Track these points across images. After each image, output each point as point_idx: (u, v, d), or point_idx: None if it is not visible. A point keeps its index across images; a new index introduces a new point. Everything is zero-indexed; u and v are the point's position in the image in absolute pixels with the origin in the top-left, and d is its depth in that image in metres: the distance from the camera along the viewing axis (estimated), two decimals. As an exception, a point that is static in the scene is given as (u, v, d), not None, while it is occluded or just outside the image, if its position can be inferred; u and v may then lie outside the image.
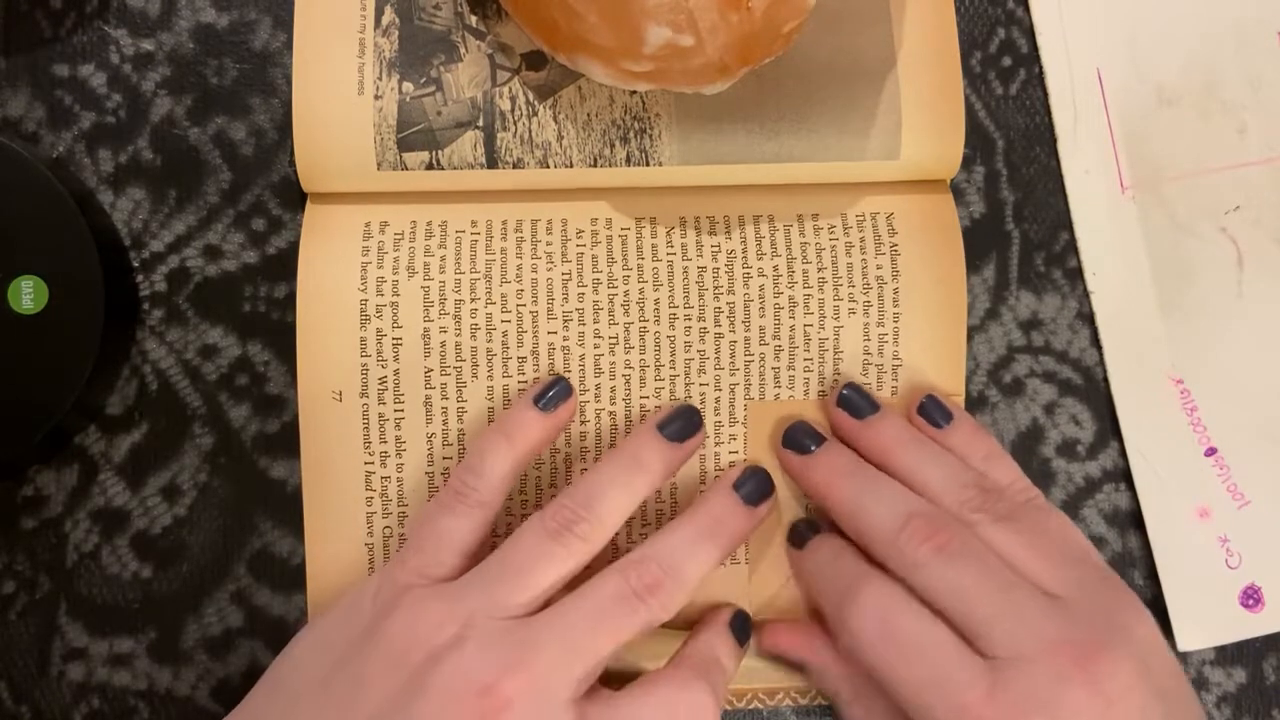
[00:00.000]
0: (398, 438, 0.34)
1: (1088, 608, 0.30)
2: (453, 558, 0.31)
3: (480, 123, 0.35)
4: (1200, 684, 0.38)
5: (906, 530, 0.31)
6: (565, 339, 0.35)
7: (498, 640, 0.29)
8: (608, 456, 0.33)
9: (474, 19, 0.35)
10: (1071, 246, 0.38)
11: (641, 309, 0.35)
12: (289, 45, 0.36)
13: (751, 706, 0.36)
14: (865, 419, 0.34)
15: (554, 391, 0.33)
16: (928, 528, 0.31)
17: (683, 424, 0.34)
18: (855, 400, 0.35)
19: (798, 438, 0.35)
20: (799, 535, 0.35)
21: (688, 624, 0.34)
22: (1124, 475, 0.38)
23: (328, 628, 0.31)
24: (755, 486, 0.34)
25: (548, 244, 0.35)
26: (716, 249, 0.35)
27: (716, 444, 0.35)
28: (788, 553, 0.36)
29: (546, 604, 0.30)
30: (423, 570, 0.31)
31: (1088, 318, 0.38)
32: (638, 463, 0.33)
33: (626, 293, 0.35)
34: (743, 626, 0.34)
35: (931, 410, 0.35)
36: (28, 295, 0.34)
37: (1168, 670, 0.30)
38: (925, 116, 0.36)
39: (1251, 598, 0.38)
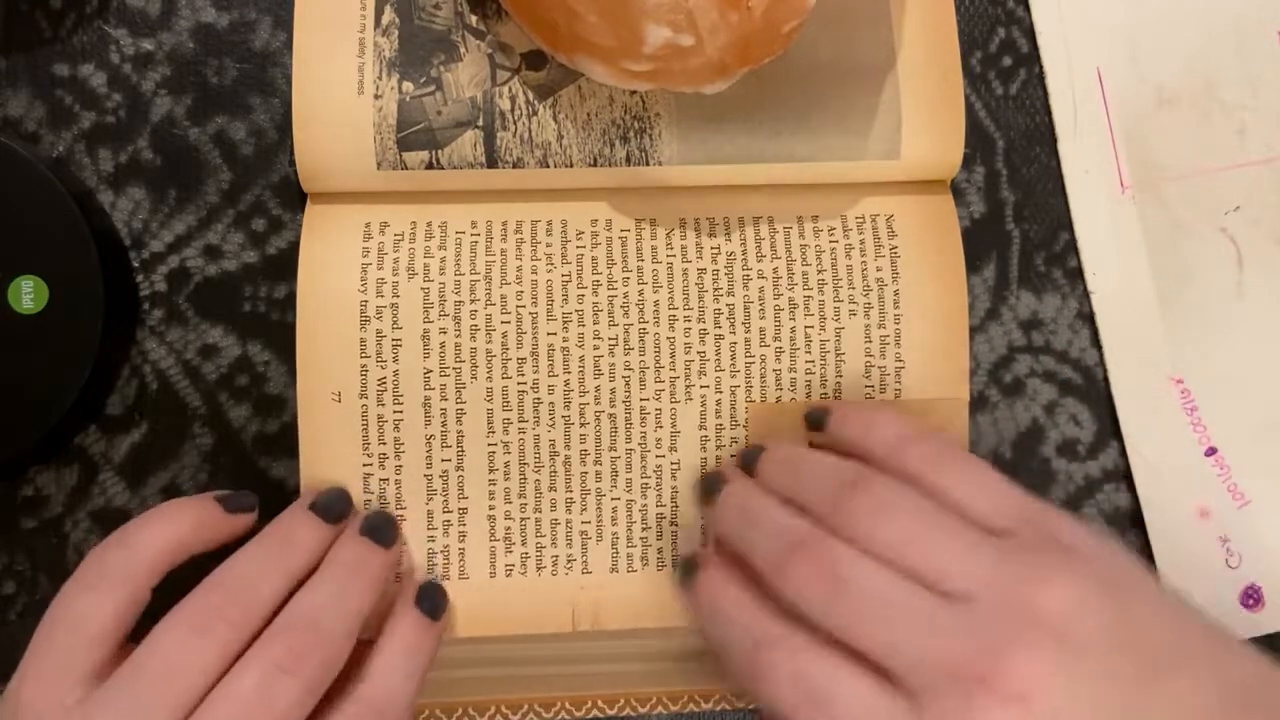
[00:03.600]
0: (396, 439, 0.34)
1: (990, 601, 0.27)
2: (91, 650, 0.29)
3: (480, 122, 0.35)
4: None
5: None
6: (565, 340, 0.35)
7: None
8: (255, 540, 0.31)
9: (474, 19, 0.35)
10: (1071, 246, 0.38)
11: (641, 311, 0.35)
12: (289, 45, 0.36)
13: (752, 706, 0.36)
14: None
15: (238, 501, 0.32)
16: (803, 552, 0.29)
17: (331, 501, 0.32)
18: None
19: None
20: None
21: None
22: (1124, 475, 0.38)
23: None
24: (380, 525, 0.33)
25: (547, 245, 0.35)
26: (716, 251, 0.35)
27: (719, 447, 0.35)
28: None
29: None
30: (47, 677, 0.28)
31: (1088, 318, 0.38)
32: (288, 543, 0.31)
33: (626, 294, 0.35)
34: (431, 600, 0.33)
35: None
36: (28, 295, 0.34)
37: (1107, 603, 0.26)
38: (925, 116, 0.36)
39: (1252, 597, 0.38)
